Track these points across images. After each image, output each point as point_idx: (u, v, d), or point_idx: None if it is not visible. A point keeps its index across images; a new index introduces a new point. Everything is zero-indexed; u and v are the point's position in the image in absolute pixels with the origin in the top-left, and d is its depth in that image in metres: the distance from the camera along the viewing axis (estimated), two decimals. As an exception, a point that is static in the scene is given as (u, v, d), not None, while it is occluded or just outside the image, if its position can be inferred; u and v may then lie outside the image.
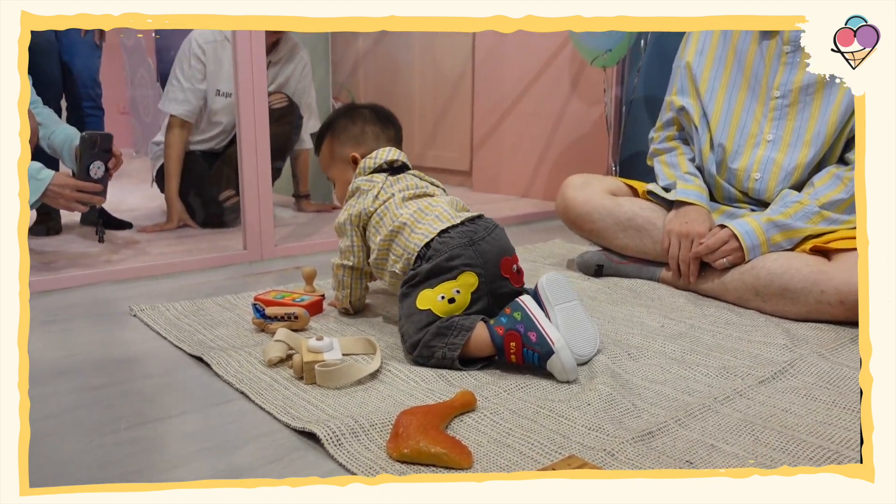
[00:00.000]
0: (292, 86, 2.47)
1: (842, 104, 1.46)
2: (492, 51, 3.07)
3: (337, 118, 1.41)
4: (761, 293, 1.41)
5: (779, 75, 1.53)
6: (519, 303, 1.10)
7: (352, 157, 1.37)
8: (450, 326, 1.11)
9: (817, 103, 1.50)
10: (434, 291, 1.14)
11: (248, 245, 1.89)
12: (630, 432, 0.90)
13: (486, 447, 0.87)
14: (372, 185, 1.30)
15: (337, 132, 1.39)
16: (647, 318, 1.38)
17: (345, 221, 1.30)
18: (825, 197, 1.44)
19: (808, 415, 0.97)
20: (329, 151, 1.40)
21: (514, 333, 1.07)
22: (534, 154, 2.98)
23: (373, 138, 1.38)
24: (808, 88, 1.50)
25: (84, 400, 1.02)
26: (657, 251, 1.62)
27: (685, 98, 1.67)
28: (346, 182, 1.37)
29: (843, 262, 1.34)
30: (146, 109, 4.54)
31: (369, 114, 1.40)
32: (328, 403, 0.99)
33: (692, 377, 1.10)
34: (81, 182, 1.66)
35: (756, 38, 1.58)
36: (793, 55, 1.52)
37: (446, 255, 1.15)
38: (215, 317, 1.39)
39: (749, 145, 1.58)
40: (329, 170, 1.42)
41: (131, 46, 4.44)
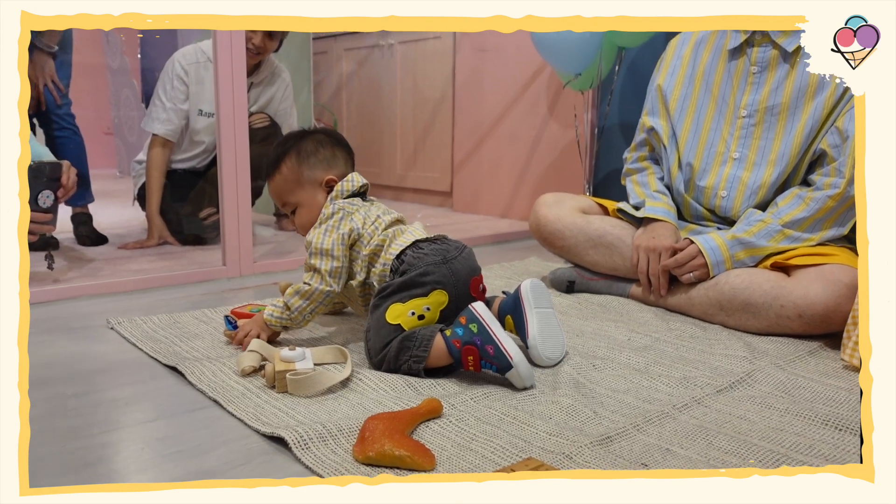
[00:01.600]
0: (274, 107, 2.51)
1: (806, 126, 1.51)
2: (472, 74, 3.13)
3: (299, 141, 1.35)
4: (725, 308, 1.46)
5: (746, 94, 1.58)
6: (473, 313, 1.12)
7: (327, 179, 1.33)
8: (411, 338, 1.14)
9: (782, 123, 1.54)
10: (405, 306, 1.17)
11: (227, 261, 1.92)
12: (589, 437, 0.94)
13: (449, 451, 0.90)
14: (355, 207, 1.29)
15: (306, 154, 1.33)
16: (614, 331, 1.42)
17: (333, 242, 1.25)
18: (788, 216, 1.49)
19: (761, 421, 1.01)
20: (294, 174, 1.33)
21: (472, 347, 1.10)
22: (512, 175, 3.04)
23: (343, 162, 1.36)
24: (774, 108, 1.55)
25: (58, 408, 1.04)
26: (627, 268, 1.67)
27: (655, 119, 1.73)
28: (315, 206, 1.32)
29: (801, 278, 1.39)
30: (130, 130, 4.56)
31: (329, 138, 1.37)
32: (298, 411, 1.01)
33: (654, 387, 1.14)
34: (30, 213, 1.64)
35: (724, 57, 1.62)
36: (759, 75, 1.56)
37: (420, 271, 1.18)
38: (192, 329, 1.41)
39: (716, 163, 1.62)
40: (292, 194, 1.34)
41: (116, 68, 4.47)
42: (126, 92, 4.48)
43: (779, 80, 1.54)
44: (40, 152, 1.81)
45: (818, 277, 1.36)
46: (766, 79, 1.56)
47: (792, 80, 1.53)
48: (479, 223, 2.94)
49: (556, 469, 0.83)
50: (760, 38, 1.56)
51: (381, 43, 3.55)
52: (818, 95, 1.50)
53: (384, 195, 3.70)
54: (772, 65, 1.55)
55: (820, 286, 1.34)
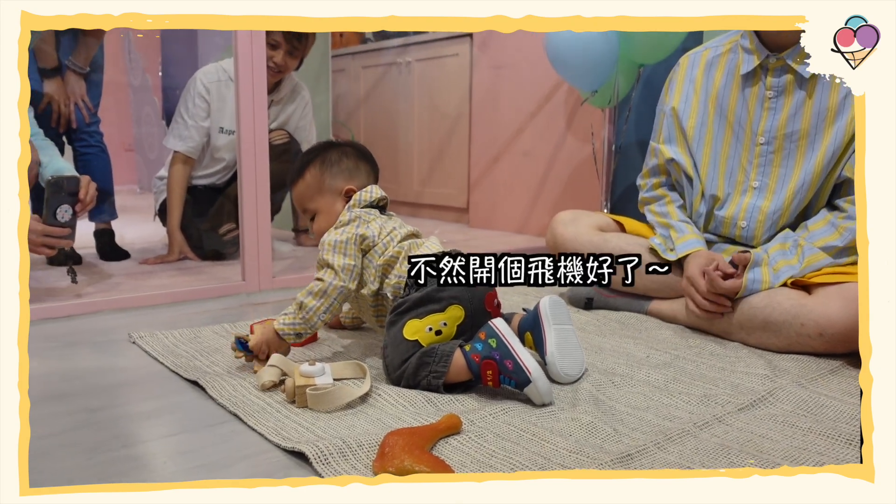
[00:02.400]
0: (293, 124, 2.54)
1: (827, 152, 1.47)
2: (489, 91, 3.15)
3: (325, 150, 1.39)
4: (745, 326, 1.45)
5: (763, 120, 1.54)
6: (493, 328, 1.12)
7: (347, 189, 1.36)
8: (430, 353, 1.14)
9: (802, 150, 1.51)
10: (422, 322, 1.17)
11: (246, 276, 1.94)
12: (609, 455, 0.93)
13: (468, 468, 0.90)
14: (371, 217, 1.31)
15: (329, 163, 1.37)
16: (633, 348, 1.42)
17: (347, 240, 1.26)
18: (820, 241, 1.46)
19: (783, 440, 1.00)
20: (317, 182, 1.36)
21: (491, 362, 1.10)
22: (529, 191, 3.05)
23: (365, 175, 1.39)
24: (793, 135, 1.51)
25: (83, 421, 1.06)
26: (645, 285, 1.66)
27: (673, 147, 1.67)
28: (333, 214, 1.35)
29: (822, 296, 1.38)
30: (151, 147, 4.62)
31: (355, 150, 1.40)
32: (318, 426, 1.02)
33: (674, 404, 1.14)
34: (48, 227, 1.67)
35: (738, 81, 1.58)
36: (776, 100, 1.52)
37: (437, 286, 1.18)
38: (212, 344, 1.42)
39: (736, 192, 1.59)
40: (312, 200, 1.37)
41: (138, 85, 4.54)
42: (147, 109, 4.55)
43: (796, 105, 1.50)
44: (61, 167, 1.84)
45: (839, 296, 1.35)
46: (782, 104, 1.52)
47: (810, 105, 1.49)
48: (496, 239, 2.95)
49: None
50: (775, 62, 1.50)
51: (398, 61, 3.59)
52: (838, 121, 1.47)
53: (401, 211, 3.71)
54: (788, 90, 1.51)
55: (841, 304, 1.33)
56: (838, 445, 0.98)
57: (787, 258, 1.47)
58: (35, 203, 2.17)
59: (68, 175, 1.75)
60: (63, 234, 1.70)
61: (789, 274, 1.45)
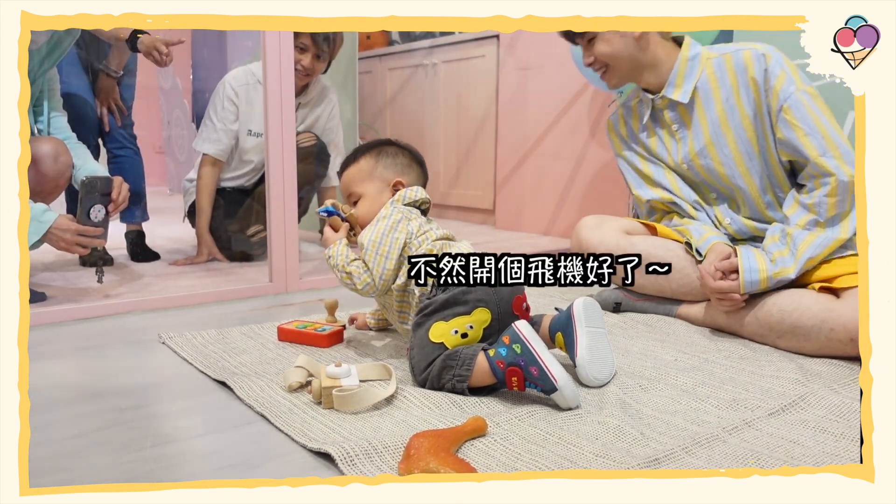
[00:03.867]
0: (321, 126, 2.56)
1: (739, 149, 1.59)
2: (515, 93, 3.14)
3: (384, 144, 1.43)
4: (775, 329, 1.43)
5: (678, 151, 1.68)
6: (517, 333, 1.10)
7: (396, 181, 1.38)
8: (454, 357, 1.14)
9: (716, 159, 1.62)
10: (448, 325, 1.17)
11: (273, 278, 1.95)
12: (637, 459, 0.92)
13: (494, 470, 0.89)
14: (413, 215, 1.32)
15: (386, 154, 1.40)
16: (661, 351, 1.40)
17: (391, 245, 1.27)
18: (802, 222, 1.49)
19: (815, 446, 0.98)
20: (370, 167, 1.39)
21: (516, 369, 1.09)
22: (555, 193, 3.03)
23: (416, 176, 1.41)
24: (703, 151, 1.63)
25: (113, 420, 1.07)
26: (673, 289, 1.64)
27: (645, 189, 1.76)
28: (378, 202, 1.36)
29: (850, 300, 1.35)
30: (180, 149, 4.69)
31: (410, 153, 1.43)
32: (344, 427, 1.02)
33: (702, 408, 1.12)
34: (82, 226, 1.71)
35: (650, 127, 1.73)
36: (681, 130, 1.67)
37: (463, 288, 1.18)
38: (240, 345, 1.44)
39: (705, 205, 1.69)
40: (361, 184, 1.39)
41: (168, 89, 4.60)
42: (177, 112, 4.62)
43: (695, 127, 1.64)
44: (94, 169, 1.87)
45: None
46: (686, 131, 1.65)
47: (705, 120, 1.62)
48: (522, 241, 2.94)
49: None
50: (661, 101, 1.66)
51: (425, 62, 3.59)
52: (731, 122, 1.59)
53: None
54: (684, 117, 1.65)
55: None
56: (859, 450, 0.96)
57: (780, 248, 1.49)
58: (70, 204, 2.22)
59: (102, 176, 1.78)
60: (96, 234, 1.73)
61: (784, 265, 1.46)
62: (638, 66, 1.64)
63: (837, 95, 1.71)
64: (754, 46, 1.56)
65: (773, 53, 1.53)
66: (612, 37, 1.62)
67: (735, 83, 1.57)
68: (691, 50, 1.63)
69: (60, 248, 1.72)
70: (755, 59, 1.54)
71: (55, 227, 1.67)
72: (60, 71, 2.17)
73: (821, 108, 1.49)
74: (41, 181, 1.75)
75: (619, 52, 1.62)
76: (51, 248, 1.72)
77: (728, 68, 1.58)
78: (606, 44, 1.62)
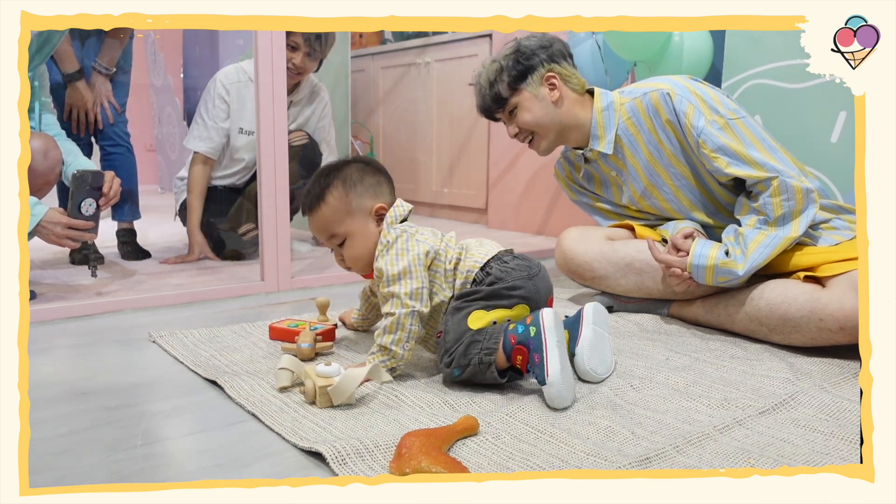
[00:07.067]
0: (313, 124, 2.55)
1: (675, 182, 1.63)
2: (507, 92, 3.14)
3: (341, 170, 1.29)
4: (765, 323, 1.44)
5: (623, 196, 1.75)
6: (538, 318, 1.12)
7: (378, 208, 1.28)
8: (481, 332, 1.16)
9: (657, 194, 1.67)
10: (488, 315, 1.19)
11: (265, 276, 1.95)
12: (628, 458, 0.92)
13: (485, 469, 0.89)
14: (415, 229, 1.27)
15: (352, 182, 1.27)
16: (652, 350, 1.41)
17: (409, 263, 1.21)
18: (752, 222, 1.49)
19: (805, 445, 0.99)
20: (343, 204, 1.26)
21: (523, 349, 1.11)
22: (548, 193, 3.03)
23: (388, 190, 1.32)
24: (645, 191, 1.68)
25: (102, 419, 1.07)
26: (660, 290, 1.65)
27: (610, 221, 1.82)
28: (369, 236, 1.27)
29: (835, 289, 1.36)
30: (172, 147, 4.67)
31: (370, 166, 1.31)
32: (335, 426, 1.02)
33: (693, 408, 1.12)
34: (73, 220, 1.70)
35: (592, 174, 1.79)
36: (621, 176, 1.71)
37: (509, 284, 1.21)
38: (231, 343, 1.43)
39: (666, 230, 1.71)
40: (341, 224, 1.27)
41: (160, 86, 4.58)
42: (168, 110, 4.60)
43: (631, 171, 1.68)
44: (84, 164, 1.87)
45: (850, 287, 1.33)
46: (624, 177, 1.70)
47: (637, 163, 1.66)
48: (515, 240, 2.93)
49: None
50: (590, 153, 1.71)
51: (417, 61, 3.59)
52: (661, 160, 1.62)
53: (420, 211, 3.72)
54: (619, 165, 1.70)
55: (854, 296, 1.31)
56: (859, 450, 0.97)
57: (733, 247, 1.50)
58: (61, 201, 2.21)
59: (93, 170, 1.78)
60: (86, 228, 1.72)
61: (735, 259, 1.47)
62: (562, 129, 1.68)
63: (828, 96, 1.73)
64: (658, 87, 1.58)
65: (677, 88, 1.54)
66: (531, 105, 1.65)
67: (651, 126, 1.61)
68: (603, 101, 1.66)
69: (50, 242, 1.71)
70: (662, 102, 1.56)
71: (45, 220, 1.66)
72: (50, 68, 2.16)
73: (735, 135, 1.48)
74: (31, 177, 1.74)
75: (541, 119, 1.66)
76: (41, 246, 1.70)
77: (641, 112, 1.61)
78: (528, 112, 1.66)
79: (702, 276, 1.49)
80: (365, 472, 0.87)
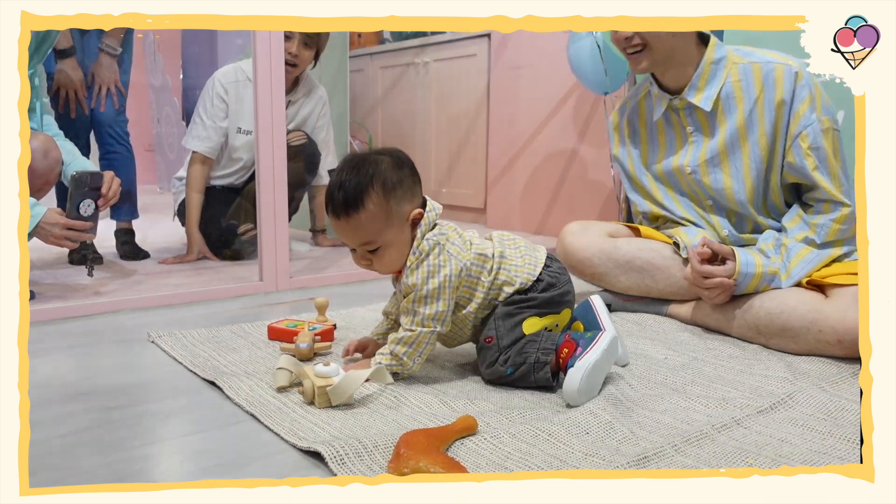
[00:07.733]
0: (311, 124, 2.55)
1: (750, 164, 1.55)
2: (506, 91, 3.14)
3: (378, 167, 1.14)
4: (763, 332, 1.43)
5: (688, 154, 1.62)
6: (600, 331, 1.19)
7: (416, 213, 1.18)
8: (537, 335, 1.20)
9: (726, 170, 1.58)
10: (541, 321, 1.22)
11: (263, 276, 1.95)
12: (625, 457, 0.92)
13: (484, 469, 0.90)
14: (445, 236, 1.19)
15: (391, 186, 1.14)
16: (651, 350, 1.41)
17: (440, 286, 1.15)
18: (800, 236, 1.49)
19: (803, 444, 0.99)
20: (383, 210, 1.14)
21: (573, 343, 1.16)
22: (547, 192, 3.04)
23: (420, 190, 1.21)
24: (714, 160, 1.59)
25: (102, 419, 1.07)
26: (660, 289, 1.64)
27: (638, 198, 1.75)
28: (404, 244, 1.17)
29: (838, 301, 1.36)
30: (170, 147, 4.66)
31: (404, 163, 1.19)
32: (334, 426, 1.02)
33: (692, 407, 1.12)
34: (71, 221, 1.70)
35: (661, 126, 1.67)
36: (696, 134, 1.61)
37: (563, 290, 1.25)
38: (229, 343, 1.43)
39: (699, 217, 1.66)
40: (381, 234, 1.15)
41: (158, 86, 4.58)
42: (167, 110, 4.59)
43: (712, 134, 1.59)
44: (83, 164, 1.87)
45: (855, 301, 1.33)
46: (702, 137, 1.61)
47: (723, 130, 1.57)
48: (513, 240, 2.93)
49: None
50: (679, 102, 1.59)
51: (416, 61, 3.59)
52: (750, 136, 1.54)
53: (418, 211, 3.71)
54: (703, 123, 1.60)
55: (857, 309, 1.31)
56: (858, 449, 0.97)
57: (774, 255, 1.48)
58: (60, 202, 2.21)
59: (92, 171, 1.78)
60: (85, 228, 1.72)
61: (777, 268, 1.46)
62: (671, 56, 1.54)
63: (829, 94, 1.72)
64: (787, 62, 1.49)
65: (805, 72, 1.48)
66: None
67: (760, 97, 1.51)
68: (717, 52, 1.55)
69: (49, 243, 1.71)
70: (787, 78, 1.48)
71: (44, 220, 1.66)
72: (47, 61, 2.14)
73: (832, 144, 1.47)
74: (31, 177, 1.73)
75: (664, 34, 1.51)
76: (42, 246, 1.71)
77: (756, 80, 1.52)
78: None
79: (746, 284, 1.46)
80: (364, 472, 0.87)
